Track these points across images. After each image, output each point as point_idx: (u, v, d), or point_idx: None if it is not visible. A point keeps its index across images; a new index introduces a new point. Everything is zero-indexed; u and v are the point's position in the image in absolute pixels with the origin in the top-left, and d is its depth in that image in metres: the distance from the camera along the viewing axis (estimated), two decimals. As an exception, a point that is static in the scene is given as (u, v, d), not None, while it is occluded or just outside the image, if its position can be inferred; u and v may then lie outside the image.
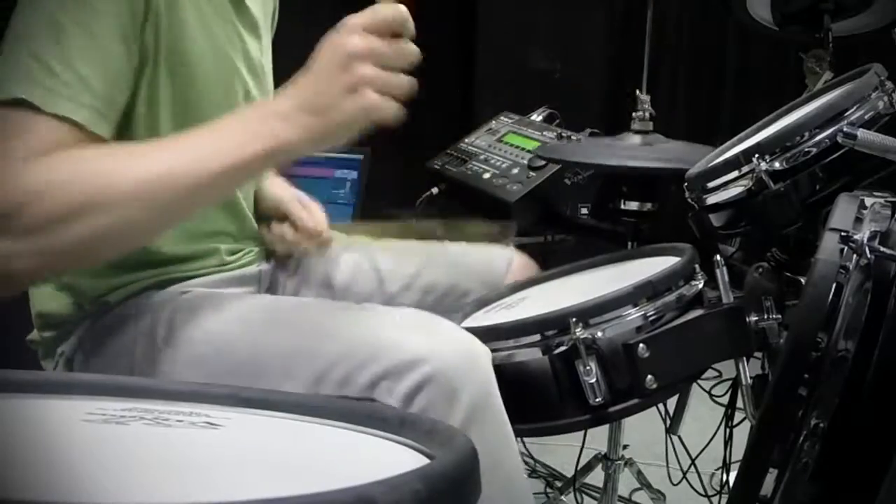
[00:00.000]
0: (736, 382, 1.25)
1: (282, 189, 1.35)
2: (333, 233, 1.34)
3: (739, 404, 1.23)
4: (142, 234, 0.97)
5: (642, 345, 0.99)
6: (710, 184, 1.15)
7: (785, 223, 1.09)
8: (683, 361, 1.05)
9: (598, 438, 1.68)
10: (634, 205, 1.63)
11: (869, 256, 0.79)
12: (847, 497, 0.77)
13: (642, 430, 1.80)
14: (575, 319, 0.98)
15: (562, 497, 1.82)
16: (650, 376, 0.99)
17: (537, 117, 2.11)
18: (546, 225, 2.03)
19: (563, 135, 1.89)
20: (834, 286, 0.85)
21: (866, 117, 1.06)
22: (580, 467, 1.77)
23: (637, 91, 1.66)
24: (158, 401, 0.73)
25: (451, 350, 0.95)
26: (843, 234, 0.83)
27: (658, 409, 1.53)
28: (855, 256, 0.83)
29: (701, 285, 1.09)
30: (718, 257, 1.12)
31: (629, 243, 1.64)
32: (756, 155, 1.07)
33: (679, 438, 1.65)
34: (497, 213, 1.85)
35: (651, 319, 1.03)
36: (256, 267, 1.30)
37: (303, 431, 0.71)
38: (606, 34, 3.57)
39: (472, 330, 1.12)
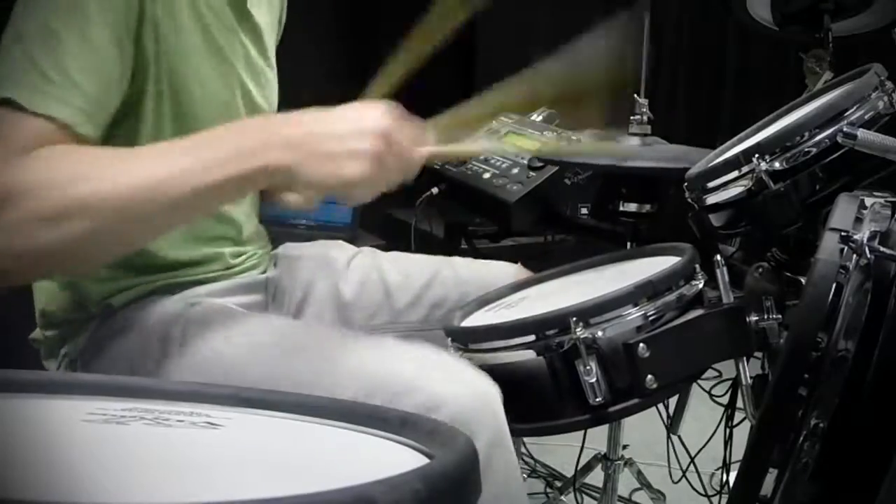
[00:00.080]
0: (736, 382, 1.25)
1: None
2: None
3: (739, 404, 1.23)
4: (123, 243, 0.94)
5: (642, 344, 0.99)
6: (710, 184, 1.15)
7: (785, 223, 1.09)
8: (683, 361, 1.05)
9: (598, 438, 1.68)
10: (634, 206, 1.63)
11: (869, 256, 0.79)
12: (847, 497, 0.77)
13: (642, 430, 1.80)
14: (575, 319, 0.98)
15: (562, 497, 1.82)
16: (650, 376, 0.99)
17: (537, 117, 2.11)
18: (546, 225, 2.02)
19: (563, 135, 1.88)
20: (834, 286, 0.85)
21: (866, 117, 1.06)
22: (580, 467, 1.77)
23: (635, 95, 1.66)
24: (159, 401, 0.74)
25: (469, 393, 0.95)
26: (843, 234, 0.83)
27: (658, 409, 1.53)
28: (855, 256, 0.83)
29: (701, 285, 1.09)
30: (718, 257, 1.12)
31: (629, 243, 1.64)
32: (756, 155, 1.07)
33: (679, 438, 1.65)
34: (497, 213, 1.85)
35: (651, 319, 1.02)
36: (264, 274, 1.30)
37: (303, 431, 0.71)
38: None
39: (473, 329, 1.13)
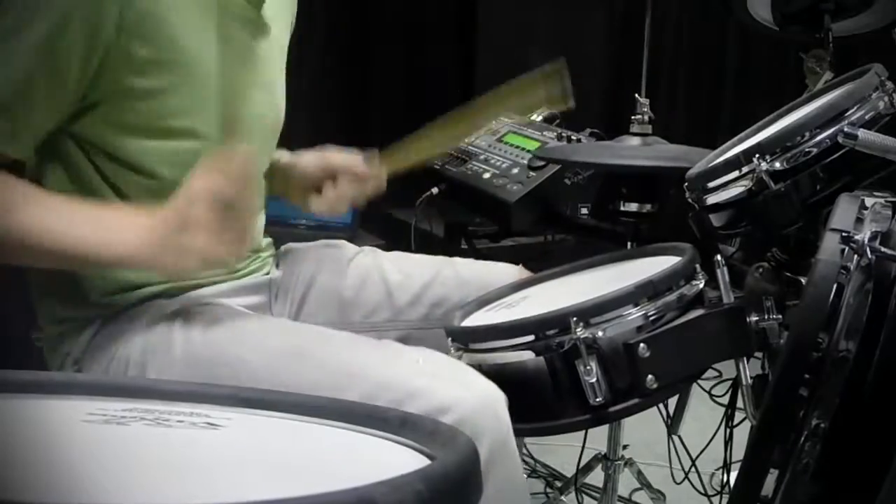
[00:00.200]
0: (736, 382, 1.25)
1: (314, 155, 1.34)
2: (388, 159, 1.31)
3: (740, 404, 1.22)
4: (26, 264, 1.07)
5: (643, 344, 0.99)
6: (711, 184, 1.15)
7: (785, 223, 1.09)
8: (684, 361, 1.05)
9: (598, 438, 1.68)
10: (634, 206, 1.63)
11: (870, 257, 0.79)
12: (848, 497, 0.77)
13: (642, 430, 1.80)
14: (575, 319, 0.98)
15: (562, 497, 1.81)
16: (651, 376, 0.99)
17: (537, 117, 2.11)
18: (546, 225, 2.02)
19: (563, 135, 1.88)
20: (835, 286, 0.84)
21: (867, 117, 1.06)
22: (580, 467, 1.77)
23: (636, 95, 1.66)
24: (159, 401, 0.73)
25: (475, 397, 0.96)
26: (844, 235, 0.83)
27: (658, 409, 1.53)
28: (856, 257, 0.83)
29: (702, 285, 1.09)
30: (719, 257, 1.12)
31: (629, 243, 1.64)
32: (756, 155, 1.07)
33: (679, 438, 1.64)
34: (497, 213, 1.85)
35: (652, 319, 1.02)
36: (267, 275, 1.30)
37: (303, 431, 0.71)
38: (606, 34, 3.57)
39: (473, 329, 1.12)
